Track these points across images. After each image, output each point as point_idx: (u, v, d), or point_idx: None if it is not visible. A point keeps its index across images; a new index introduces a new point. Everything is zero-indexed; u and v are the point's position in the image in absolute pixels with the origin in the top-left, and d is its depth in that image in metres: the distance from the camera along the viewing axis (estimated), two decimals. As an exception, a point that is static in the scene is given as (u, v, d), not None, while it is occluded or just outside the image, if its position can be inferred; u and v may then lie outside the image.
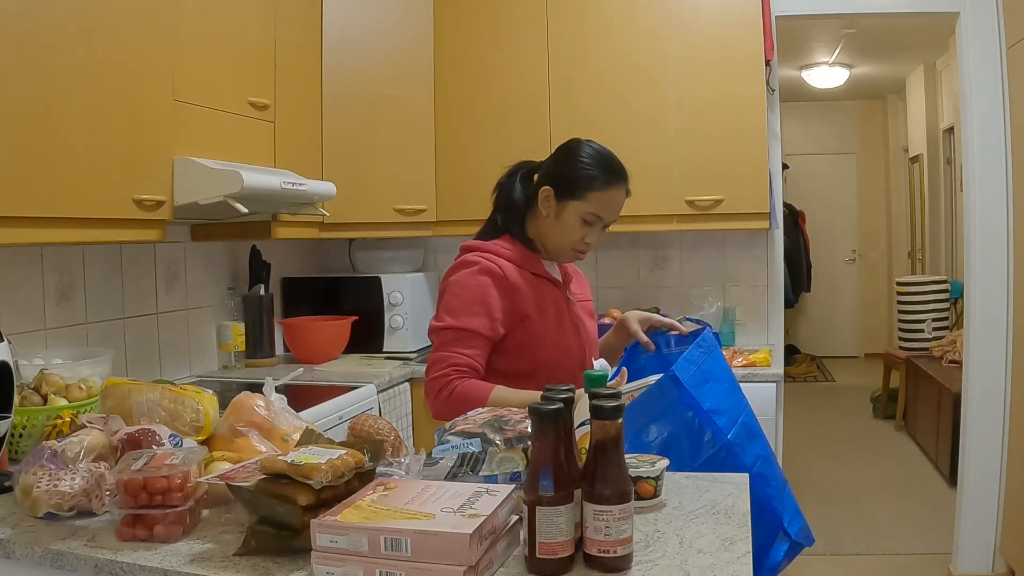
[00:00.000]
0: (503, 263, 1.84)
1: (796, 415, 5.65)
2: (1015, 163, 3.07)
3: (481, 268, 1.83)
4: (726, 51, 3.16)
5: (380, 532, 1.09)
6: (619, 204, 1.87)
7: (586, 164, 1.84)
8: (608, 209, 1.85)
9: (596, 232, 1.87)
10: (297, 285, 3.52)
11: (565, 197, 1.84)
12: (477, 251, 1.87)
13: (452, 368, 1.77)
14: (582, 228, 1.85)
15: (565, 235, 1.86)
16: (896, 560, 3.61)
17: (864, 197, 8.78)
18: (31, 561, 1.33)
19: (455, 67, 3.37)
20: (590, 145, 1.88)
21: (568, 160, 1.87)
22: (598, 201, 1.83)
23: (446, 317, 1.81)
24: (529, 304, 1.85)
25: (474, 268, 1.83)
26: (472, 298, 1.80)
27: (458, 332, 1.79)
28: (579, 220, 1.84)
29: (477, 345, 1.79)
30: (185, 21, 2.32)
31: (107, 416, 1.62)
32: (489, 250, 1.87)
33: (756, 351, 3.17)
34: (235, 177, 2.27)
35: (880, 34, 6.03)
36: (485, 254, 1.86)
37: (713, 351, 1.74)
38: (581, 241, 1.87)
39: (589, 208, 1.83)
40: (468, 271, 1.84)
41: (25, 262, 2.27)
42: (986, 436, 3.21)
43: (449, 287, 1.85)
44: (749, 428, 1.68)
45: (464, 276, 1.84)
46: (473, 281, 1.82)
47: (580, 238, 1.86)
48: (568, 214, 1.85)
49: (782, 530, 1.61)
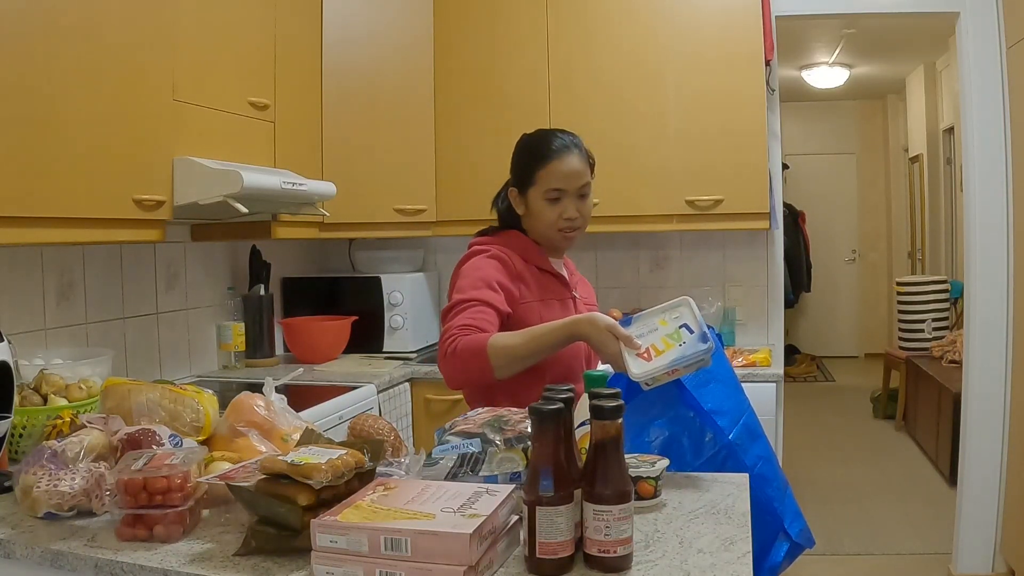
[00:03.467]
0: (510, 252, 1.89)
1: (796, 415, 5.65)
2: (1015, 163, 3.07)
3: (490, 253, 1.88)
4: (726, 51, 3.16)
5: (380, 532, 1.09)
6: (571, 170, 1.87)
7: (523, 152, 1.93)
8: (562, 179, 1.86)
9: (570, 204, 1.88)
10: (297, 285, 3.52)
11: (524, 189, 1.91)
12: (483, 245, 1.93)
13: (458, 328, 1.72)
14: (552, 207, 1.88)
15: (542, 221, 1.90)
16: (896, 560, 3.61)
17: (864, 197, 8.78)
18: (31, 561, 1.33)
19: (455, 67, 3.37)
20: (526, 134, 1.97)
21: (514, 157, 1.96)
22: (548, 177, 1.87)
23: (455, 295, 1.82)
24: (533, 295, 1.88)
25: (483, 254, 1.89)
26: (480, 276, 1.83)
27: (464, 303, 1.77)
28: (544, 202, 1.88)
29: (484, 311, 1.76)
30: (185, 21, 2.32)
31: (107, 416, 1.62)
32: (496, 243, 1.93)
33: (756, 351, 3.17)
34: (235, 177, 2.27)
35: (880, 34, 6.03)
36: (493, 245, 1.91)
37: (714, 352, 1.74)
38: (560, 219, 1.88)
39: (544, 187, 1.87)
40: (477, 256, 1.89)
41: (25, 262, 2.27)
42: (986, 436, 3.21)
43: (459, 274, 1.89)
44: (751, 429, 1.68)
45: (473, 260, 1.88)
46: (481, 263, 1.86)
47: (557, 216, 1.88)
48: (533, 202, 1.90)
49: (782, 531, 1.61)
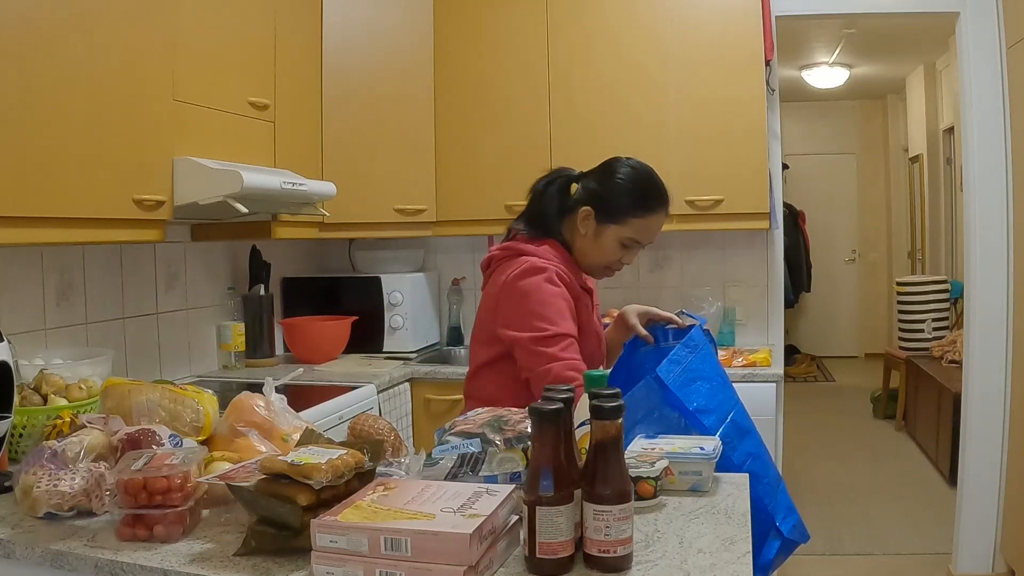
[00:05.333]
0: (563, 273, 1.82)
1: (796, 415, 5.65)
2: (1015, 163, 3.07)
3: (554, 274, 1.79)
4: (726, 51, 3.16)
5: (380, 532, 1.09)
6: (659, 228, 1.87)
7: (632, 187, 1.84)
8: (648, 234, 1.86)
9: (632, 254, 1.88)
10: (297, 285, 3.52)
11: (605, 220, 1.84)
12: (536, 256, 1.83)
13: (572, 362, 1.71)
14: (619, 251, 1.86)
15: (602, 256, 1.87)
16: (896, 560, 3.61)
17: (864, 197, 8.78)
18: (31, 561, 1.33)
19: (455, 67, 3.37)
20: (633, 167, 1.87)
21: (611, 183, 1.85)
22: (638, 227, 1.84)
23: (546, 326, 1.73)
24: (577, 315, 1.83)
25: (547, 274, 1.79)
26: (561, 306, 1.77)
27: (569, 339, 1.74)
28: (617, 244, 1.85)
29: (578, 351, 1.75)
30: (185, 21, 2.32)
31: (107, 416, 1.62)
32: (547, 257, 1.83)
33: (756, 351, 3.17)
34: (235, 177, 2.27)
35: (880, 34, 6.03)
36: (549, 261, 1.82)
37: (701, 349, 1.73)
38: (618, 262, 1.88)
39: (628, 233, 1.84)
40: (542, 277, 1.78)
41: (25, 262, 2.27)
42: (986, 436, 3.21)
43: (530, 294, 1.77)
44: (739, 426, 1.67)
45: (540, 282, 1.78)
46: (553, 288, 1.78)
47: (616, 259, 1.87)
48: (607, 237, 1.84)
49: (774, 528, 1.60)
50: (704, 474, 1.47)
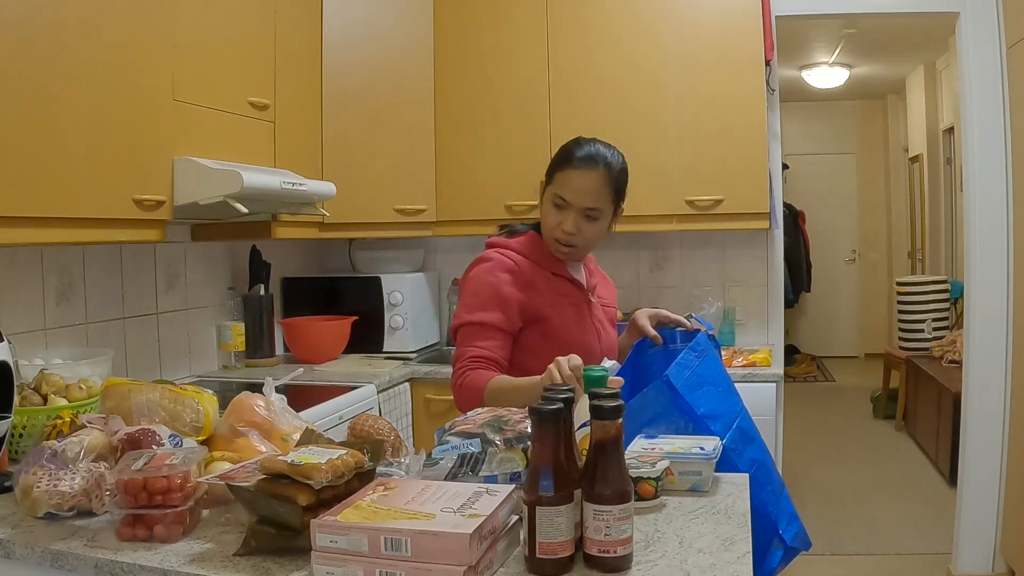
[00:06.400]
0: (519, 259, 1.89)
1: (796, 415, 5.65)
2: (1015, 163, 3.07)
3: (496, 264, 1.88)
4: (726, 51, 3.16)
5: (380, 532, 1.09)
6: (582, 187, 1.85)
7: (559, 150, 1.92)
8: (569, 190, 1.86)
9: (571, 217, 1.86)
10: (297, 285, 3.52)
11: (545, 185, 1.92)
12: (497, 247, 1.93)
13: (468, 360, 1.82)
14: (554, 212, 1.88)
15: (545, 223, 1.91)
16: (896, 560, 3.61)
17: (864, 197, 8.77)
18: (31, 561, 1.33)
19: (455, 67, 3.37)
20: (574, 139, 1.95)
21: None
22: (560, 181, 1.87)
23: (463, 314, 1.87)
24: (545, 301, 1.88)
25: (490, 264, 1.89)
26: (488, 294, 1.85)
27: (474, 327, 1.84)
28: (551, 204, 1.89)
29: (494, 336, 1.84)
30: (185, 21, 2.31)
31: (107, 416, 1.62)
32: (508, 247, 1.92)
33: (756, 351, 3.17)
34: (235, 177, 2.27)
35: (880, 34, 6.03)
36: (503, 251, 1.91)
37: (707, 354, 1.74)
38: (558, 227, 1.88)
39: (554, 189, 1.88)
40: (484, 267, 1.89)
41: (25, 262, 2.27)
42: (986, 436, 3.21)
43: (466, 284, 1.91)
44: (745, 432, 1.67)
45: (479, 272, 1.89)
46: (489, 278, 1.87)
47: (556, 224, 1.88)
48: (544, 200, 1.91)
49: (777, 536, 1.60)
50: (704, 474, 1.47)
